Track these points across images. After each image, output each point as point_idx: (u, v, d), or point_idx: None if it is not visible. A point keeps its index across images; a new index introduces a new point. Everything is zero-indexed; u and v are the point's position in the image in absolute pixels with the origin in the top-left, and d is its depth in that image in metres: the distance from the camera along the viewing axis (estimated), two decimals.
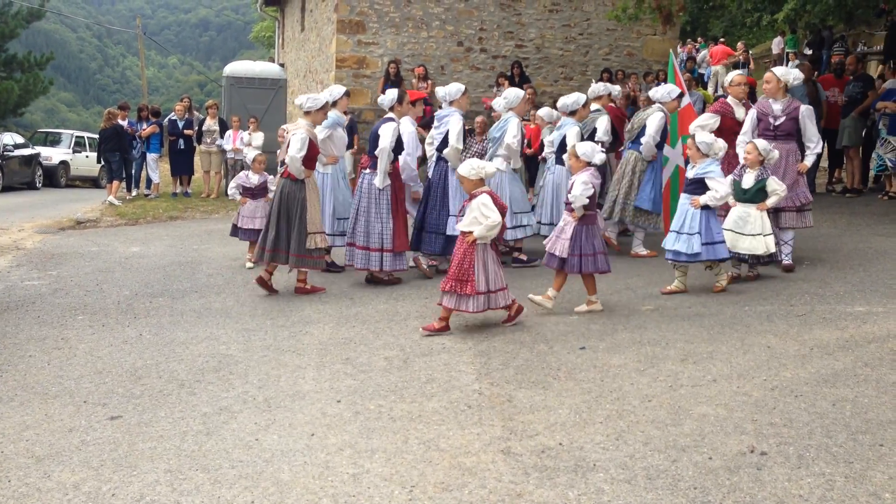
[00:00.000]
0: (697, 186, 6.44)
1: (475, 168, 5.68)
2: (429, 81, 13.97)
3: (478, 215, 5.56)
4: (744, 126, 7.20)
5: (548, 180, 8.30)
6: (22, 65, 26.60)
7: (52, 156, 20.71)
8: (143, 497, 3.41)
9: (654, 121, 7.90)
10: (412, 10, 14.88)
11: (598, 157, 6.05)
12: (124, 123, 14.39)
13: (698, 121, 7.43)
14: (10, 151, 18.39)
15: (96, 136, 17.17)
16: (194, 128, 14.62)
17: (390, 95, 7.31)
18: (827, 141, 11.24)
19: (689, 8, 15.70)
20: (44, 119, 53.27)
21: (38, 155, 19.81)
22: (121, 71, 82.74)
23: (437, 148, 7.63)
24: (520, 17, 15.45)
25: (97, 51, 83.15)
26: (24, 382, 4.93)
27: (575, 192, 5.89)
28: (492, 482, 3.44)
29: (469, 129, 8.26)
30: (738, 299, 6.26)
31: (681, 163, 8.10)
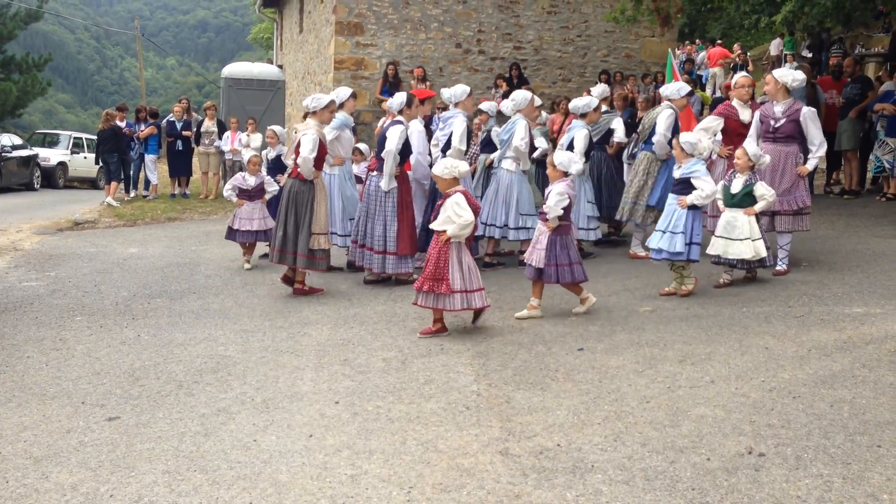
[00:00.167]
0: (684, 186, 6.43)
1: (448, 167, 5.68)
2: (427, 83, 13.98)
3: (451, 214, 5.56)
4: (750, 129, 7.17)
5: None
6: (20, 66, 26.59)
7: (51, 157, 20.68)
8: (142, 498, 3.41)
9: (664, 118, 7.79)
10: (410, 11, 14.89)
11: (575, 168, 6.02)
12: (122, 125, 14.39)
13: (702, 123, 7.42)
14: (8, 152, 18.37)
15: (94, 137, 17.16)
16: (193, 129, 14.62)
17: (398, 99, 7.31)
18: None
19: (687, 10, 15.69)
20: (42, 120, 53.23)
21: (36, 156, 19.79)
22: (119, 72, 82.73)
23: (442, 149, 7.64)
24: (518, 19, 15.47)
25: (95, 52, 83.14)
26: (21, 383, 4.92)
27: (550, 203, 5.87)
28: (490, 483, 3.44)
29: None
30: (736, 301, 6.26)
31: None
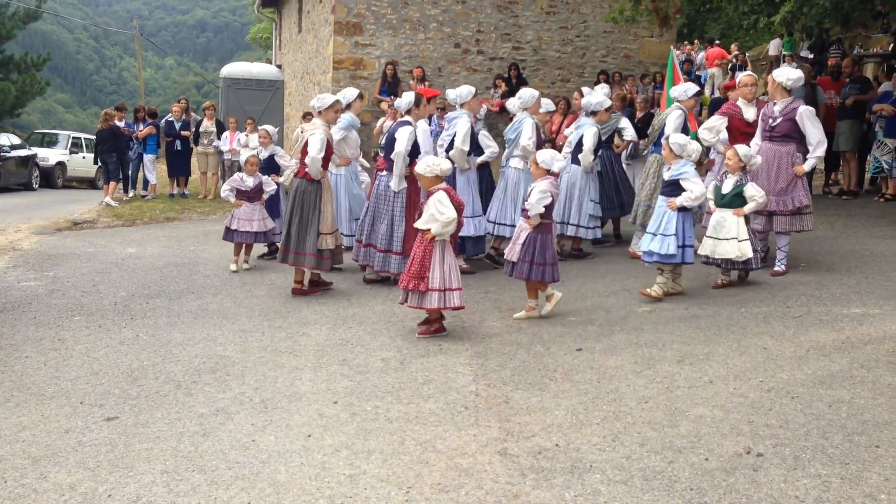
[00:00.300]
0: (673, 188, 6.39)
1: (430, 165, 5.68)
2: (426, 83, 13.98)
3: (434, 212, 5.55)
4: (756, 128, 7.15)
5: (563, 180, 8.26)
6: (19, 66, 26.57)
7: (49, 157, 20.65)
8: (140, 498, 3.41)
9: (672, 119, 7.79)
10: (409, 11, 14.88)
11: (557, 166, 6.00)
12: (121, 124, 14.38)
13: (707, 123, 7.40)
14: (6, 152, 18.35)
15: (93, 137, 17.13)
16: (191, 129, 14.62)
17: (407, 99, 7.30)
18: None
19: (685, 10, 15.72)
20: (40, 120, 53.21)
21: (34, 156, 19.77)
22: (118, 72, 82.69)
23: (446, 149, 7.66)
24: (517, 20, 15.47)
25: (94, 52, 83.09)
26: (20, 383, 4.92)
27: (532, 200, 5.85)
28: (488, 483, 3.44)
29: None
30: (734, 301, 6.26)
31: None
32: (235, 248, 8.29)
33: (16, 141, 19.76)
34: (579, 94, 9.63)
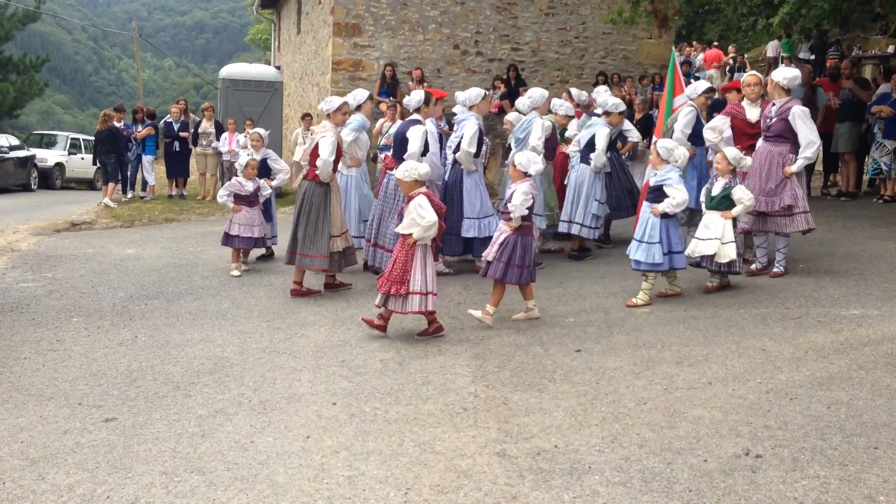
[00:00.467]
0: (658, 194, 6.34)
1: (408, 170, 5.68)
2: (425, 84, 13.98)
3: (415, 216, 5.54)
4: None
5: (571, 178, 8.26)
6: (17, 67, 26.56)
7: (48, 158, 20.65)
8: (138, 499, 3.40)
9: (681, 116, 7.78)
10: (408, 13, 14.89)
11: (535, 168, 5.94)
12: (120, 125, 14.37)
13: (710, 123, 7.38)
14: (5, 153, 18.35)
15: (92, 138, 17.14)
16: (190, 130, 14.61)
17: (416, 97, 7.30)
18: (822, 145, 11.25)
19: (684, 12, 15.73)
20: (39, 121, 53.18)
21: (33, 157, 19.76)
22: (116, 73, 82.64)
23: (454, 151, 7.66)
24: (516, 21, 15.47)
25: (93, 53, 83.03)
26: (18, 384, 4.92)
27: (515, 202, 5.81)
28: (487, 485, 3.44)
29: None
30: (733, 302, 6.27)
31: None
32: (234, 254, 8.23)
33: (14, 142, 19.76)
34: (568, 96, 9.66)
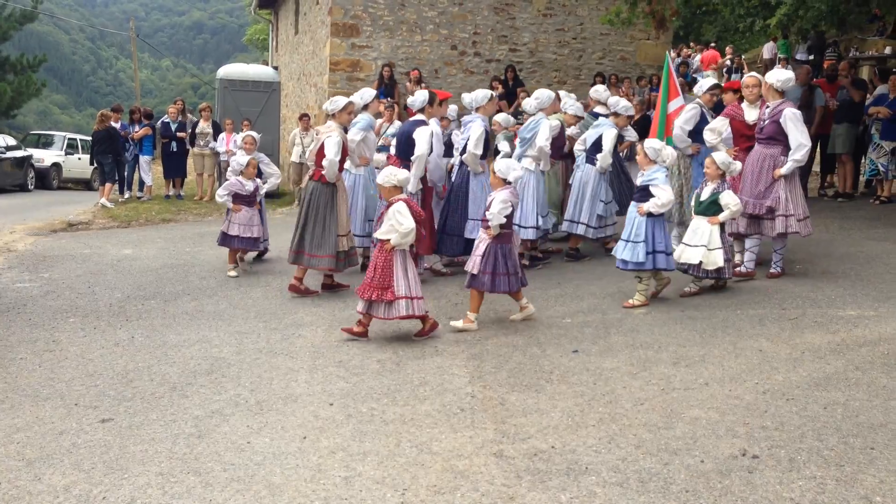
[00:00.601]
0: (644, 194, 6.34)
1: (387, 175, 5.69)
2: (422, 85, 13.98)
3: (394, 223, 5.54)
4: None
5: (576, 178, 8.25)
6: (14, 67, 26.50)
7: (45, 158, 20.61)
8: (135, 500, 3.40)
9: (684, 113, 7.75)
10: (406, 13, 14.89)
11: (513, 175, 5.91)
12: (117, 126, 14.35)
13: (710, 125, 7.38)
14: (2, 153, 18.29)
15: (89, 138, 17.11)
16: (187, 130, 14.60)
17: (421, 97, 7.28)
18: (819, 145, 11.27)
19: (682, 13, 15.73)
20: (36, 121, 53.06)
21: (30, 157, 19.73)
22: (114, 73, 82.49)
23: (460, 152, 7.66)
24: (514, 22, 15.48)
25: (90, 53, 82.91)
26: (14, 385, 4.91)
27: (493, 210, 5.78)
28: (484, 485, 3.44)
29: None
30: (730, 303, 6.27)
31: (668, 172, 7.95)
32: (231, 254, 8.20)
33: (11, 142, 19.71)
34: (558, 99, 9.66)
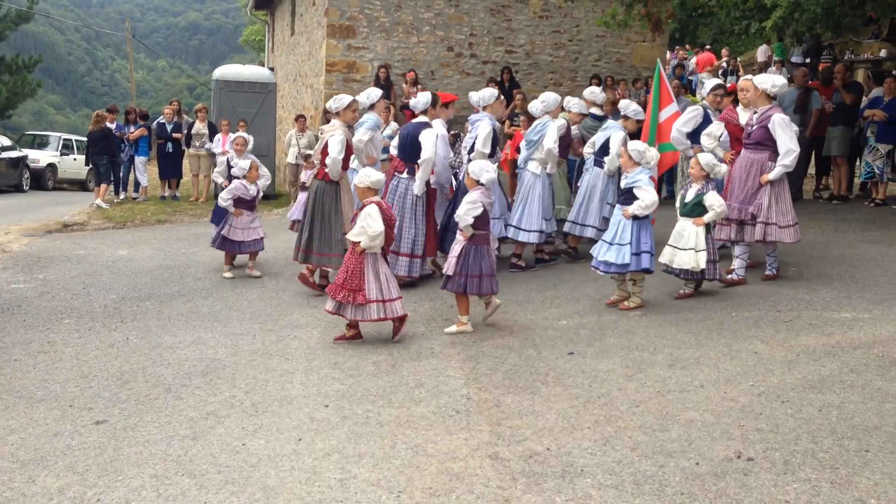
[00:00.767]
0: (629, 196, 6.33)
1: (362, 177, 5.69)
2: (419, 86, 13.98)
3: (364, 225, 5.54)
4: None
5: (584, 180, 8.24)
6: (10, 67, 26.40)
7: (40, 158, 20.57)
8: (129, 502, 3.39)
9: (684, 114, 7.74)
10: (402, 15, 14.89)
11: (486, 177, 5.88)
12: (113, 126, 14.33)
13: (707, 129, 7.37)
14: None
15: (84, 138, 17.08)
16: (183, 131, 14.59)
17: (423, 98, 7.29)
18: (814, 148, 11.30)
19: (678, 15, 15.78)
20: (31, 121, 52.92)
21: (25, 157, 19.68)
22: (109, 74, 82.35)
23: (468, 152, 7.66)
24: (510, 23, 15.49)
25: (86, 53, 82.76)
26: (8, 386, 4.89)
27: (460, 212, 5.78)
28: (479, 487, 3.43)
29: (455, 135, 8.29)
30: (725, 305, 6.28)
31: (654, 173, 7.84)
32: (227, 257, 8.17)
33: (6, 142, 19.66)
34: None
